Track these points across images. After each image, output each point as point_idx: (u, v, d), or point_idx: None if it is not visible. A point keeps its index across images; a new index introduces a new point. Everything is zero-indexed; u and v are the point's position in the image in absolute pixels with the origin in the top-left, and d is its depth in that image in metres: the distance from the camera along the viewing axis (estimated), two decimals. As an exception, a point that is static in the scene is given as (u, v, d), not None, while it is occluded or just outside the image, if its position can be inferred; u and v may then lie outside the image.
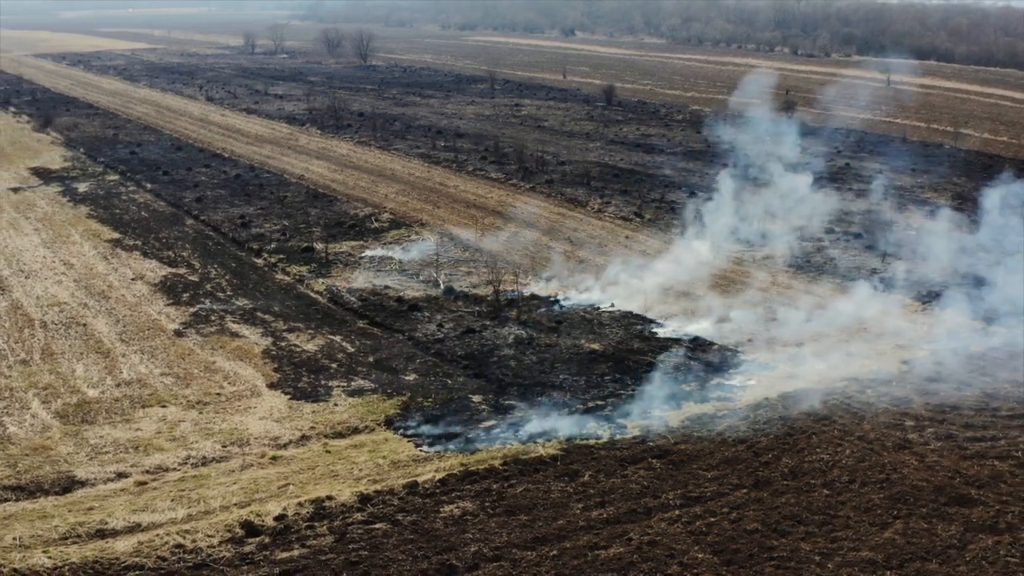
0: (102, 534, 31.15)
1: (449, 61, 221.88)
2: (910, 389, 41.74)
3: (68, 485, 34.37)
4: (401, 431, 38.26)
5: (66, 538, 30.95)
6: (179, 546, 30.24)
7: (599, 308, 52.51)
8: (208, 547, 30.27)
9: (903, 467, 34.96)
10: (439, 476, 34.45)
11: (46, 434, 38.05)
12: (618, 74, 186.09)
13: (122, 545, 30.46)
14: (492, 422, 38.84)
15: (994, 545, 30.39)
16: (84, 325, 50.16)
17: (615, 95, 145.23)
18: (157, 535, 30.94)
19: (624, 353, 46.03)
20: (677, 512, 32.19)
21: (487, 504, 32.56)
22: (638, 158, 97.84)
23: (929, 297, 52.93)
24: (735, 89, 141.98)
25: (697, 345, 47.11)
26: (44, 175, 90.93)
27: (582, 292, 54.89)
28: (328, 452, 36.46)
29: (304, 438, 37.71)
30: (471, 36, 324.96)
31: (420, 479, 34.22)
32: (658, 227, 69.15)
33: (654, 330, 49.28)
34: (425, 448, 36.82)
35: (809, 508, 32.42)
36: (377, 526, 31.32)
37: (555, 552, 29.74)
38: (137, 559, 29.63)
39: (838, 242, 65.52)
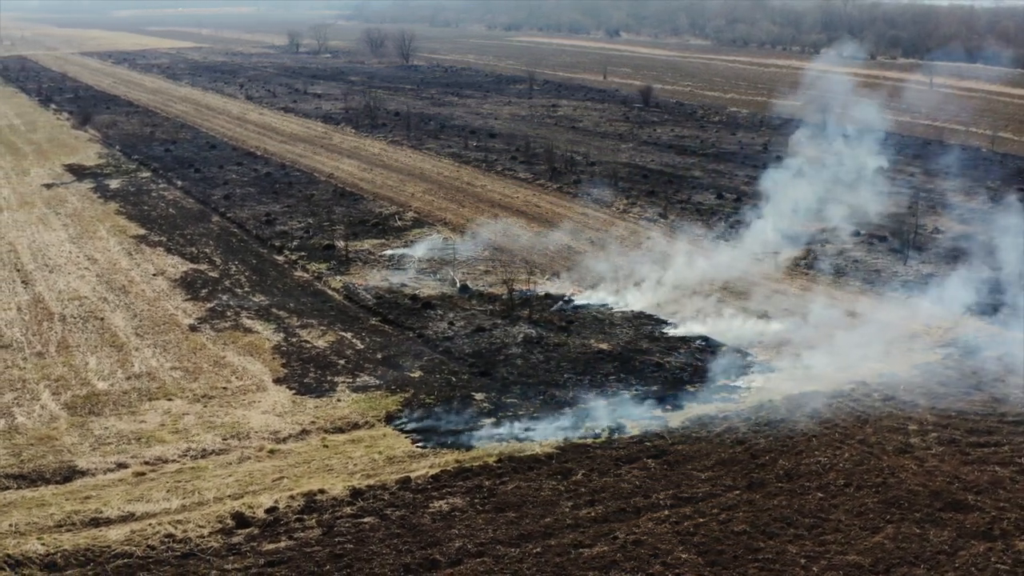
0: (96, 523, 31.68)
1: (491, 61, 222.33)
2: (918, 393, 41.30)
3: (69, 474, 34.96)
4: (399, 426, 38.56)
5: (61, 526, 31.52)
6: (169, 536, 30.70)
7: (611, 308, 52.52)
8: (198, 537, 30.68)
9: (901, 471, 34.65)
10: (433, 472, 34.65)
11: (53, 424, 38.75)
12: (659, 75, 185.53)
13: (114, 534, 30.97)
14: (491, 419, 39.04)
15: (985, 552, 30.04)
16: (102, 319, 50.97)
17: (653, 96, 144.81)
18: (149, 524, 31.42)
19: (631, 353, 46.02)
20: (666, 512, 32.13)
21: (477, 501, 32.71)
22: (669, 159, 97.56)
23: (944, 300, 52.36)
24: (775, 90, 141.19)
25: (706, 346, 47.00)
26: (78, 172, 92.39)
27: (598, 292, 54.90)
28: (325, 447, 36.81)
29: (304, 432, 38.08)
30: (516, 36, 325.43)
31: (413, 475, 34.45)
32: (682, 229, 68.80)
33: (664, 330, 49.19)
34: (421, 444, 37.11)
35: (800, 511, 32.22)
36: (365, 520, 31.58)
37: (538, 549, 29.82)
38: (127, 547, 30.11)
39: (862, 245, 64.95)
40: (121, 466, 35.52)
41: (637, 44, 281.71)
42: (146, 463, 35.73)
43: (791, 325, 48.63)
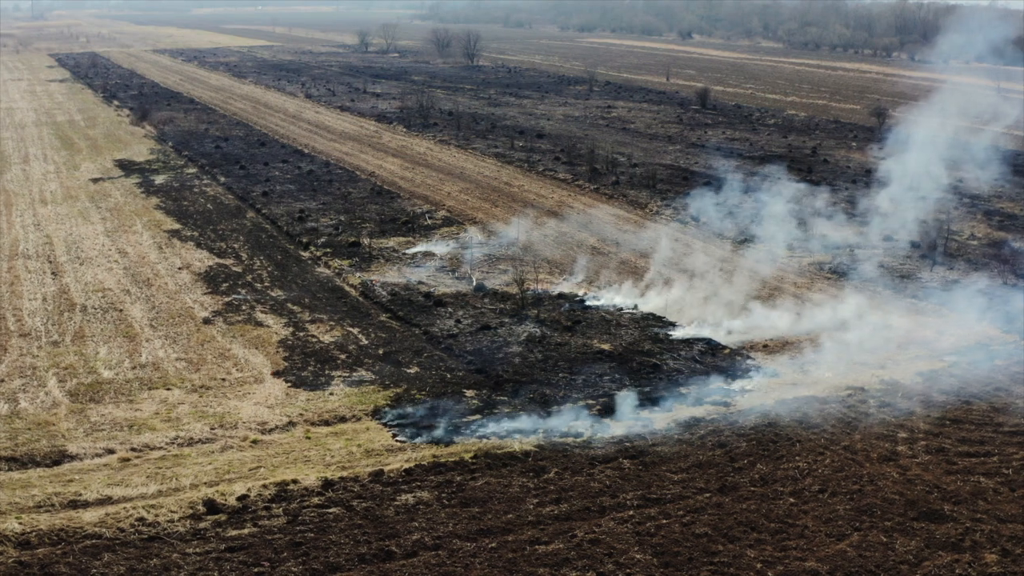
0: (74, 505, 32.66)
1: (556, 62, 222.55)
2: (916, 401, 40.72)
3: (58, 458, 36.01)
4: (382, 420, 39.07)
5: (40, 506, 32.55)
6: (141, 519, 31.54)
7: (621, 309, 52.47)
8: (167, 522, 31.47)
9: (881, 479, 34.25)
10: (407, 466, 35.08)
11: (53, 411, 39.90)
12: (722, 78, 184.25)
13: (89, 516, 31.90)
14: (476, 416, 39.36)
15: (951, 563, 29.58)
16: (121, 311, 52.25)
17: (711, 98, 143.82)
18: (124, 508, 32.30)
19: (631, 354, 45.97)
20: (631, 512, 32.16)
21: (444, 495, 33.04)
22: (713, 161, 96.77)
23: (956, 306, 51.50)
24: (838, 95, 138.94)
25: (708, 348, 46.80)
26: (127, 167, 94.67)
27: (609, 292, 54.94)
28: (308, 438, 37.43)
29: (290, 424, 38.75)
30: (587, 38, 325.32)
31: (387, 468, 34.91)
32: (710, 231, 68.39)
33: (669, 332, 49.04)
34: (401, 438, 37.56)
35: (768, 515, 32.01)
36: (331, 510, 32.11)
37: (494, 544, 30.08)
38: (98, 529, 31.03)
39: (892, 250, 63.99)
40: (109, 452, 36.49)
41: (708, 46, 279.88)
42: (133, 449, 36.66)
43: (797, 328, 48.30)
